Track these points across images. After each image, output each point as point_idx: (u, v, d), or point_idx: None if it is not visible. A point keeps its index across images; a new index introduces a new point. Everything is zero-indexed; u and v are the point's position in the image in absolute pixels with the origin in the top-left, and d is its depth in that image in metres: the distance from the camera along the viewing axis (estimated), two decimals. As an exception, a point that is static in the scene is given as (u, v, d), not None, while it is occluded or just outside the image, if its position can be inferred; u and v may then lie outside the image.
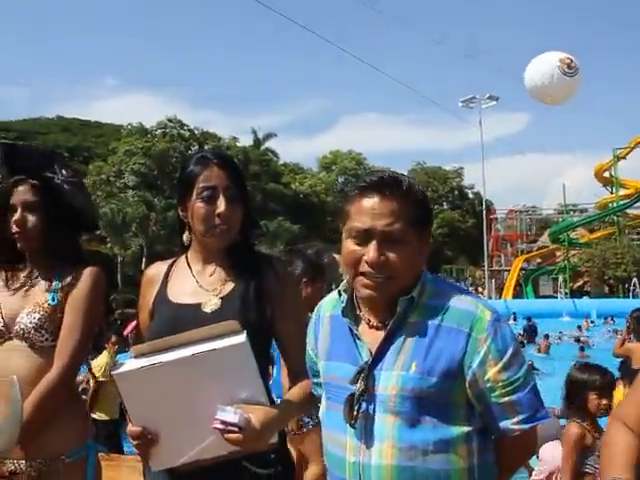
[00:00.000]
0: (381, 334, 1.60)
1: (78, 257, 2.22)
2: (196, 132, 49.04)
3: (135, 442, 1.75)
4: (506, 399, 1.52)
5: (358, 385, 1.57)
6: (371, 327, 1.65)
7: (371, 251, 1.55)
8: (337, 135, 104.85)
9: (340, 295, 1.71)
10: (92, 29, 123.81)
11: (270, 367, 2.06)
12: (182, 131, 48.23)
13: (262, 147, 54.19)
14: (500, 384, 1.52)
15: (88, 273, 2.15)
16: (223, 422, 1.66)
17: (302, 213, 49.61)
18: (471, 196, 65.40)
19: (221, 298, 1.94)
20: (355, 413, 1.57)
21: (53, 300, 2.09)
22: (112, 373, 1.72)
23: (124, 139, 46.98)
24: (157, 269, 2.10)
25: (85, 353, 2.15)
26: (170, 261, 2.12)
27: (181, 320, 1.87)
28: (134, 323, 20.22)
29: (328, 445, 1.70)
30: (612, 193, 34.86)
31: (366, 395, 1.57)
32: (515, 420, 1.53)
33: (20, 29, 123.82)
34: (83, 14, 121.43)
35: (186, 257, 2.07)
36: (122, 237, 37.09)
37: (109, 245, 36.86)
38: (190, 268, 2.03)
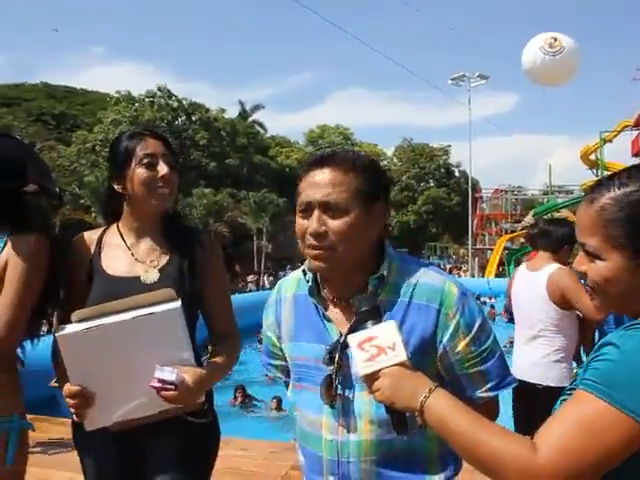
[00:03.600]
0: (347, 312, 1.61)
1: (25, 222, 2.07)
2: (184, 102, 48.50)
3: (72, 401, 1.84)
4: (475, 369, 1.57)
5: (335, 365, 1.57)
6: (335, 305, 1.65)
7: (312, 222, 1.55)
8: (325, 109, 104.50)
9: (305, 274, 1.70)
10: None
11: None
12: (170, 101, 47.71)
13: (249, 119, 53.81)
14: (469, 356, 1.55)
15: (26, 241, 2.03)
16: (161, 380, 1.80)
17: (287, 186, 49.40)
18: (457, 174, 65.37)
19: (159, 270, 2.06)
20: (333, 393, 1.58)
21: None
22: (56, 335, 1.80)
23: (111, 108, 46.39)
24: (87, 239, 2.15)
25: (20, 326, 2.03)
26: (99, 231, 2.18)
27: (120, 292, 1.95)
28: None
29: (302, 424, 1.70)
30: (597, 176, 34.96)
31: (340, 374, 1.58)
32: (484, 388, 1.58)
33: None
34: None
35: (117, 228, 2.15)
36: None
37: (93, 215, 36.58)
38: (124, 240, 2.12)
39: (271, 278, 35.44)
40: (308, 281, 1.68)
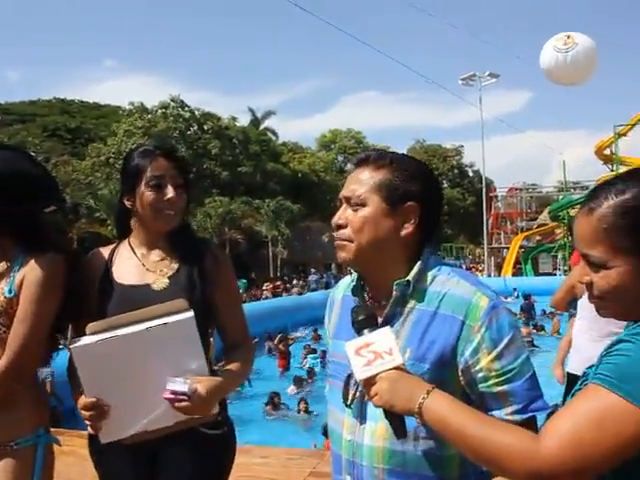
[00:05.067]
0: (381, 315, 1.60)
1: (41, 241, 2.07)
2: (196, 113, 48.68)
3: (88, 413, 1.85)
4: (499, 389, 1.47)
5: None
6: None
7: (335, 214, 1.64)
8: (336, 114, 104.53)
9: (352, 274, 1.74)
10: (87, 11, 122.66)
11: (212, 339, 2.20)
12: (182, 112, 47.90)
13: (261, 126, 53.90)
14: (493, 373, 1.47)
15: (41, 261, 2.02)
16: (173, 392, 1.81)
17: (301, 192, 49.51)
18: (471, 174, 65.24)
19: (168, 278, 2.08)
20: (352, 393, 1.59)
21: (10, 292, 2.01)
22: (70, 347, 1.81)
23: (124, 119, 46.67)
24: (100, 253, 2.19)
25: (36, 344, 2.02)
26: (111, 247, 2.22)
27: (131, 300, 1.99)
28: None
29: (329, 421, 1.74)
30: (613, 171, 34.65)
31: None
32: (508, 410, 1.47)
33: (15, 11, 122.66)
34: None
35: (129, 242, 2.18)
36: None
37: (109, 227, 36.80)
38: (134, 252, 2.15)
39: (301, 282, 35.26)
40: (353, 281, 1.72)
